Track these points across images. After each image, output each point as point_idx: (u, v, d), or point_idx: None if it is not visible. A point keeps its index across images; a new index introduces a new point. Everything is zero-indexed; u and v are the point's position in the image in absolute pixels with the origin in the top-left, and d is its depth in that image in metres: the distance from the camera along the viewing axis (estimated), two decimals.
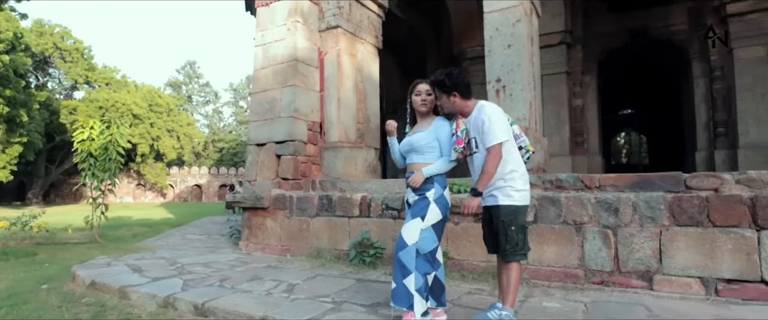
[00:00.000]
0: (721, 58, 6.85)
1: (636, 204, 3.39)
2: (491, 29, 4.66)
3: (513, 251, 2.43)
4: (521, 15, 4.55)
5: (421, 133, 2.60)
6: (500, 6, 4.62)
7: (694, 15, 7.26)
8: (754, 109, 6.42)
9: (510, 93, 4.53)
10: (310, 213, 4.87)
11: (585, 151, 8.05)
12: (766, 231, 2.99)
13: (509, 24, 4.57)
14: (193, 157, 41.88)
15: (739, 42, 6.53)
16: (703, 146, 7.15)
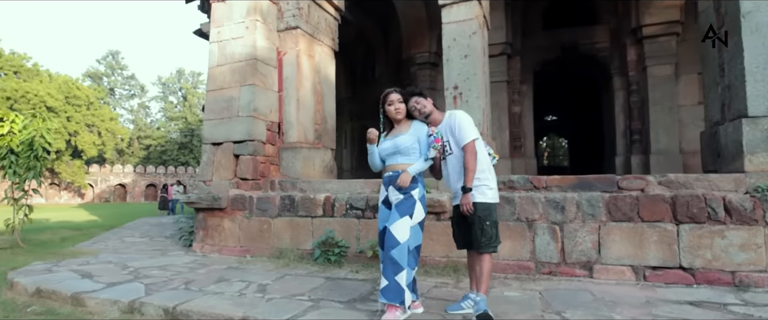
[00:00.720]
0: (637, 73, 7.78)
1: (579, 203, 3.83)
2: (449, 39, 4.96)
3: (487, 243, 2.66)
4: (477, 27, 4.90)
5: (404, 135, 2.76)
6: (458, 18, 4.94)
7: (615, 35, 8.17)
8: (663, 120, 7.38)
9: (466, 100, 4.86)
10: (272, 214, 4.86)
11: (522, 155, 8.71)
12: (684, 225, 3.54)
13: (466, 35, 4.89)
14: (116, 155, 38.73)
15: (651, 61, 7.47)
16: (622, 151, 8.07)
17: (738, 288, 3.32)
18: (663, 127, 7.31)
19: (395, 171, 2.77)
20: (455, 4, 4.94)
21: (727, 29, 4.26)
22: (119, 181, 33.11)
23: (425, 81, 8.78)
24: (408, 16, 8.83)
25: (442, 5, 5.00)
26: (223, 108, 5.28)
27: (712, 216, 3.48)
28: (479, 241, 2.67)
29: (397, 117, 2.82)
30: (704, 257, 3.46)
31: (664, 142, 7.31)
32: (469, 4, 4.90)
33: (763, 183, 3.57)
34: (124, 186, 33.28)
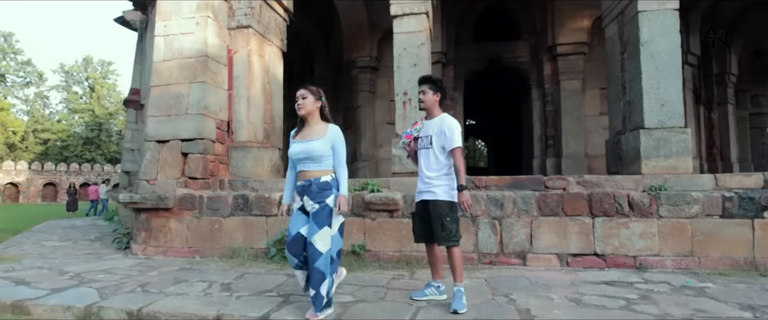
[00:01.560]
0: (552, 86, 8.79)
1: (515, 200, 4.38)
2: (400, 48, 5.31)
3: (448, 238, 2.93)
4: (425, 39, 5.31)
5: (316, 141, 2.71)
6: (408, 29, 5.30)
7: (534, 51, 9.14)
8: (572, 128, 8.43)
9: (415, 105, 5.24)
10: (224, 213, 4.84)
11: None
12: (598, 218, 4.22)
13: (415, 46, 5.28)
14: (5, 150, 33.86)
15: (564, 76, 8.50)
16: (538, 154, 9.05)
17: (638, 270, 4.06)
18: (572, 134, 8.36)
19: (307, 180, 2.71)
20: (406, 16, 5.31)
21: (628, 54, 5.10)
22: (10, 180, 29.05)
23: (365, 84, 9.08)
24: (350, 19, 9.07)
25: (394, 16, 5.34)
26: (171, 105, 5.13)
27: (619, 211, 4.20)
28: (439, 235, 2.94)
29: (299, 113, 2.78)
30: (613, 244, 4.17)
31: (573, 147, 8.36)
32: (418, 17, 5.30)
33: (655, 183, 4.36)
34: (17, 185, 29.29)
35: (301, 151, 2.71)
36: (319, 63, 10.85)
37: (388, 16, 8.69)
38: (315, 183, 2.69)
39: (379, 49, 9.19)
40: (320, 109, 2.85)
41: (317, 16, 10.35)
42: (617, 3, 5.24)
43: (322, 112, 2.86)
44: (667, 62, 4.68)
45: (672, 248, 4.08)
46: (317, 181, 2.69)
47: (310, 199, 2.69)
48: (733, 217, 4.01)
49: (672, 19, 4.72)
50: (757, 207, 3.97)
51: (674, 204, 4.11)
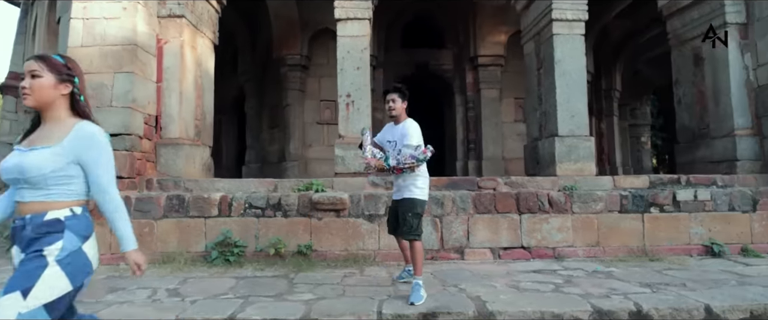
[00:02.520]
0: (473, 94, 9.49)
1: (454, 199, 4.74)
2: (343, 51, 5.41)
3: (408, 232, 3.23)
4: (367, 43, 5.48)
5: (43, 151, 1.55)
6: (352, 33, 5.42)
7: (457, 60, 9.79)
8: (491, 133, 9.20)
9: (358, 107, 5.38)
10: (156, 215, 4.53)
11: None
12: (525, 215, 4.74)
13: (358, 49, 5.42)
14: None
15: (484, 85, 9.24)
16: (461, 157, 9.70)
17: (557, 259, 4.64)
18: (491, 139, 9.12)
19: (22, 217, 1.56)
20: (350, 21, 5.42)
21: (544, 70, 5.76)
22: None
23: (295, 83, 8.96)
24: (280, 15, 8.88)
25: (338, 19, 5.42)
26: (90, 96, 4.61)
27: (541, 208, 4.76)
28: (402, 229, 3.28)
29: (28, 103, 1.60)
30: (536, 238, 4.72)
31: (492, 151, 9.13)
32: (362, 22, 5.44)
33: (568, 183, 5.01)
34: None
35: (12, 166, 1.56)
36: (243, 58, 10.44)
37: (321, 15, 8.85)
38: (32, 222, 1.54)
39: (310, 48, 9.14)
40: (70, 96, 1.65)
41: (243, 9, 9.93)
42: (535, 24, 5.89)
43: (72, 102, 1.65)
44: (576, 80, 5.40)
45: (583, 239, 4.73)
46: (37, 219, 1.54)
47: (20, 248, 1.54)
48: (629, 212, 4.78)
49: (579, 43, 5.45)
50: (646, 203, 4.78)
51: (584, 202, 4.77)
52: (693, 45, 5.97)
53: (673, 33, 6.31)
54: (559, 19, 5.33)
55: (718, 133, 5.59)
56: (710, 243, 4.68)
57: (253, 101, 10.27)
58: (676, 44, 6.28)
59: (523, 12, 6.19)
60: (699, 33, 5.82)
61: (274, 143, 9.70)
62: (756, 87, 5.36)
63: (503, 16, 8.82)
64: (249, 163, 10.21)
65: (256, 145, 10.20)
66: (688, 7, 5.91)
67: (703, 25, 5.74)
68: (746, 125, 5.36)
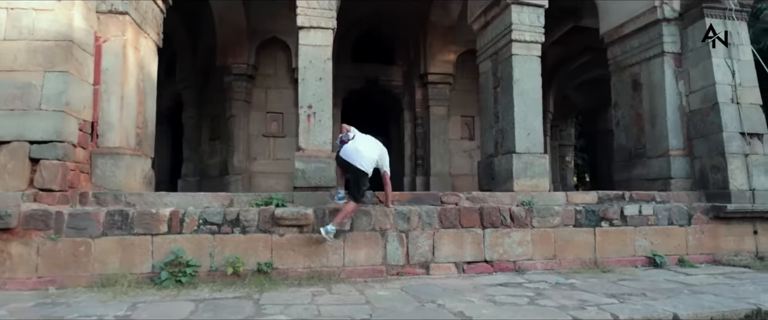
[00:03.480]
0: (422, 110, 9.64)
1: (420, 214, 4.68)
2: (305, 61, 5.22)
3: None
4: (330, 53, 5.34)
5: None
6: (315, 42, 5.26)
7: (407, 77, 9.91)
8: (439, 150, 9.37)
9: (319, 119, 5.20)
10: (93, 233, 3.98)
11: None
12: (488, 229, 4.80)
13: (321, 60, 5.26)
14: None
15: (433, 102, 9.42)
16: (409, 172, 9.76)
17: (518, 273, 4.74)
18: (439, 155, 9.29)
19: None
20: (313, 30, 5.26)
21: (501, 89, 5.98)
22: None
23: (241, 93, 8.50)
24: (226, 21, 8.43)
25: (301, 27, 5.24)
26: (14, 96, 4.03)
27: (503, 222, 4.85)
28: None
29: None
30: (498, 252, 4.79)
31: (439, 167, 9.28)
32: (325, 32, 5.30)
33: (525, 199, 5.18)
34: None
35: None
36: (182, 63, 9.76)
37: (270, 23, 8.57)
38: None
39: (257, 57, 8.77)
40: None
41: (184, 11, 9.32)
42: (493, 44, 6.12)
43: None
44: (533, 98, 5.65)
45: (541, 253, 4.89)
46: None
47: None
48: (582, 226, 5.02)
49: (536, 64, 5.74)
50: (597, 218, 5.05)
51: (542, 216, 4.95)
52: (632, 71, 6.53)
53: (613, 59, 6.87)
54: (518, 40, 5.57)
55: (654, 153, 6.12)
56: (652, 254, 5.05)
57: (192, 111, 9.60)
58: (616, 70, 6.84)
59: (481, 31, 6.41)
60: (638, 60, 6.39)
61: (215, 156, 9.10)
62: (688, 111, 5.95)
63: (453, 36, 9.11)
64: (186, 177, 9.48)
65: (195, 158, 9.50)
66: (628, 35, 6.47)
67: (642, 53, 6.31)
68: (679, 146, 5.91)
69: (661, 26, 6.09)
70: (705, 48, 5.78)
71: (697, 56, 5.88)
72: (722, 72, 5.70)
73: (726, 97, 5.65)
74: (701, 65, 5.83)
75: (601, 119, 13.99)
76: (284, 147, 8.74)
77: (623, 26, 6.62)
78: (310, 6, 5.26)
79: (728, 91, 5.67)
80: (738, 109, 5.65)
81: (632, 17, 6.45)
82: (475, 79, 9.96)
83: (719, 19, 5.83)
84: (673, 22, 6.12)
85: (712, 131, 5.68)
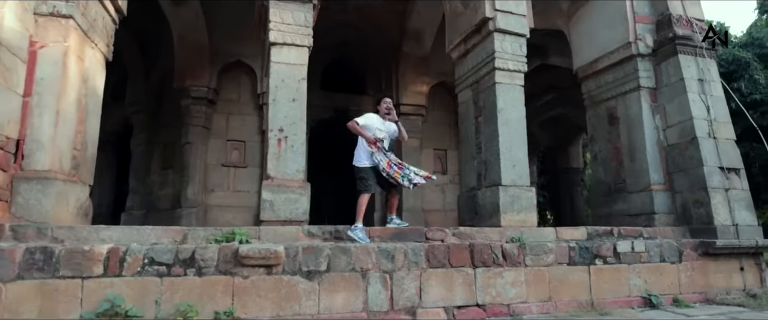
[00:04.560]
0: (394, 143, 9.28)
1: (406, 252, 4.17)
2: (277, 79, 4.74)
3: None
4: (305, 73, 4.89)
5: None
6: (288, 60, 4.80)
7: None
8: None
9: (291, 144, 4.66)
10: (6, 276, 3.16)
11: None
12: (479, 268, 4.35)
13: (295, 80, 4.79)
14: None
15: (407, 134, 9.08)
16: (379, 208, 9.20)
17: (512, 317, 4.28)
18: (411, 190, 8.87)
19: None
20: (287, 46, 4.82)
21: (484, 119, 5.71)
22: None
23: (200, 118, 7.81)
24: (187, 41, 7.82)
25: (273, 43, 4.78)
26: None
27: (495, 261, 4.42)
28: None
29: None
30: (491, 294, 4.32)
31: (411, 202, 8.86)
32: (300, 50, 4.87)
33: (514, 234, 4.81)
34: None
35: None
36: (134, 85, 8.97)
37: (236, 46, 8.05)
38: None
39: (219, 81, 8.17)
40: None
41: (139, 29, 8.66)
42: (473, 72, 5.90)
43: None
44: (517, 129, 5.41)
45: (536, 294, 4.46)
46: None
47: None
48: (576, 264, 4.68)
49: (519, 93, 5.54)
50: (591, 255, 4.74)
51: (536, 254, 4.57)
52: (607, 105, 6.50)
53: (588, 94, 6.85)
54: (502, 68, 5.38)
55: (635, 187, 5.99)
56: (647, 294, 4.76)
57: (143, 137, 8.74)
58: (591, 104, 6.80)
59: (460, 60, 6.20)
60: (613, 94, 6.37)
61: (167, 187, 8.23)
62: (666, 146, 5.91)
63: (426, 67, 8.96)
64: (130, 210, 8.50)
65: (142, 189, 8.56)
66: (603, 70, 6.48)
67: (617, 87, 6.30)
68: (660, 181, 5.82)
69: (636, 62, 6.13)
70: (680, 83, 5.83)
71: (673, 91, 5.92)
72: (698, 107, 5.74)
73: (703, 131, 5.65)
74: (677, 100, 5.86)
75: (563, 157, 14.22)
76: (245, 178, 8.05)
77: (597, 61, 6.65)
78: (285, 21, 4.84)
79: (705, 126, 5.69)
80: (715, 143, 5.66)
81: (606, 52, 6.49)
82: (447, 111, 9.90)
83: (691, 56, 5.94)
84: (647, 57, 6.19)
85: (692, 165, 5.63)
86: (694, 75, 5.87)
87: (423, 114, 9.19)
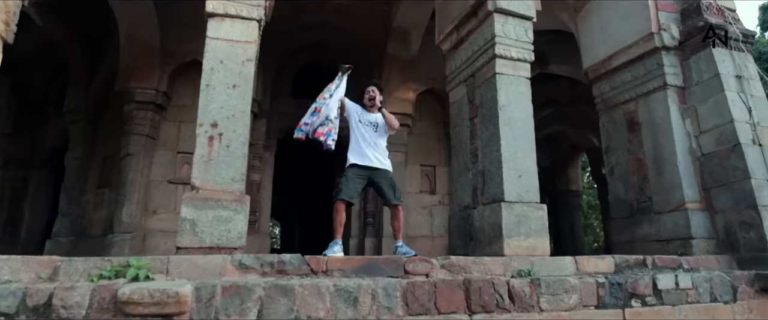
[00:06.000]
0: None
1: (375, 292, 2.95)
2: (213, 60, 3.59)
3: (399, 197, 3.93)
4: (253, 53, 3.75)
5: None
6: (231, 36, 3.67)
7: None
8: None
9: (227, 144, 3.47)
10: None
11: (256, 231, 7.45)
12: (477, 315, 3.14)
13: (239, 61, 3.65)
14: None
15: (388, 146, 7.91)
16: (356, 233, 7.98)
17: None
18: None
19: None
20: (229, 18, 3.69)
21: (481, 119, 4.60)
22: None
23: (144, 126, 6.57)
24: (135, 39, 6.67)
25: (212, 15, 3.65)
26: None
27: (499, 304, 3.22)
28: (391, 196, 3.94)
29: None
30: None
31: None
32: (248, 24, 3.75)
33: (523, 267, 3.63)
34: None
35: None
36: (73, 92, 7.75)
37: (191, 44, 6.83)
38: None
39: (171, 84, 7.01)
40: None
41: (82, 29, 7.58)
42: (468, 65, 4.84)
43: None
44: (523, 130, 4.32)
45: None
46: None
47: None
48: (607, 307, 3.49)
49: (525, 87, 4.49)
50: (625, 294, 3.56)
51: (554, 294, 3.38)
52: (626, 109, 5.46)
53: (600, 96, 5.82)
54: (504, 56, 4.33)
55: (665, 206, 4.88)
56: None
57: (79, 150, 7.46)
58: (605, 108, 5.76)
59: (452, 52, 5.16)
60: (632, 96, 5.35)
61: (102, 208, 6.91)
62: (700, 155, 4.85)
63: (413, 72, 7.94)
64: (57, 237, 7.13)
65: (74, 212, 7.23)
66: (619, 68, 5.48)
67: (637, 87, 5.29)
68: (696, 198, 4.73)
69: (660, 55, 5.14)
70: (715, 80, 4.83)
71: (706, 90, 4.91)
72: (739, 108, 4.72)
73: (747, 137, 4.61)
74: (712, 100, 4.84)
75: (562, 179, 13.18)
76: None
77: (612, 58, 5.65)
78: None
79: (748, 131, 4.66)
80: (762, 151, 4.62)
81: (623, 47, 5.50)
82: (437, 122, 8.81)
83: (725, 49, 4.97)
84: (673, 51, 5.20)
85: (735, 178, 4.56)
86: (731, 71, 4.87)
87: (409, 124, 8.08)
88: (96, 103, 7.59)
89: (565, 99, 10.73)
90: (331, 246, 3.66)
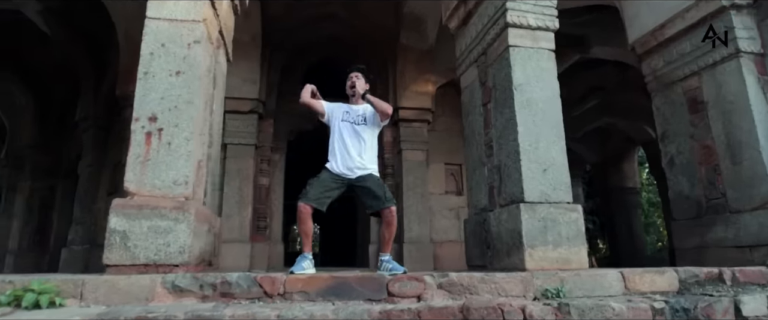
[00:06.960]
0: (392, 156, 7.43)
1: None
2: (154, 44, 3.05)
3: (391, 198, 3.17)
4: (202, 36, 3.15)
5: None
6: (173, 15, 3.11)
7: None
8: (415, 207, 7.01)
9: (168, 141, 2.88)
10: None
11: (266, 238, 6.96)
12: None
13: (183, 43, 3.07)
14: None
15: (406, 144, 7.22)
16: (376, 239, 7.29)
17: None
18: (416, 215, 6.90)
19: None
20: None
21: (495, 103, 3.77)
22: None
23: None
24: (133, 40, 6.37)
25: None
26: None
27: None
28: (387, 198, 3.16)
29: None
30: None
31: (416, 231, 6.86)
32: (196, 3, 3.17)
33: (550, 285, 2.78)
34: None
35: None
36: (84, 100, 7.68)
37: None
38: None
39: None
40: None
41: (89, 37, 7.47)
42: (478, 42, 4.03)
43: None
44: (547, 113, 3.44)
45: None
46: None
47: None
48: None
49: (548, 61, 3.61)
50: None
51: None
52: (685, 86, 4.39)
53: (652, 74, 4.76)
54: (518, 24, 3.50)
55: (745, 204, 3.79)
56: None
57: (91, 157, 7.32)
58: (659, 88, 4.70)
59: (460, 30, 4.36)
60: (693, 70, 4.28)
61: None
62: None
63: (431, 62, 7.16)
64: (72, 245, 7.03)
65: (87, 219, 7.08)
66: (675, 37, 4.42)
67: (700, 58, 4.21)
68: None
69: (729, 16, 4.05)
70: None
71: None
72: None
73: None
74: None
75: (615, 174, 11.80)
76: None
77: (665, 27, 4.58)
78: None
79: None
80: None
81: (679, 11, 4.42)
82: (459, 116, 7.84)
83: None
84: (746, 9, 4.10)
85: None
86: None
87: (428, 120, 7.30)
88: (106, 108, 7.42)
89: (613, 86, 9.50)
90: (298, 262, 2.99)
